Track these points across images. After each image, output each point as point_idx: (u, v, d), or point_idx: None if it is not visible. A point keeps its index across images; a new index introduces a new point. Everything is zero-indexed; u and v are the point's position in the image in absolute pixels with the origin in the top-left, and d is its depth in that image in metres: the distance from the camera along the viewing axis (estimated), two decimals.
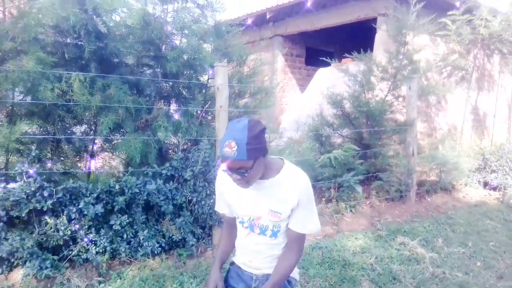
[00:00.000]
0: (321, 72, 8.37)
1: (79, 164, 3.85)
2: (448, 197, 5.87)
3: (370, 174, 5.59)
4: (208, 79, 4.32)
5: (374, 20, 6.83)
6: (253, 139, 1.50)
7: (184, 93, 4.24)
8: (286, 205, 1.65)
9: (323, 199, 5.14)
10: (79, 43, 3.62)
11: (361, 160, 5.25)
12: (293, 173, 1.68)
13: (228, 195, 1.80)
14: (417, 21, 5.48)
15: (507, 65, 8.18)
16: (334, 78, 6.20)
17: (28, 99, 3.52)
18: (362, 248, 4.09)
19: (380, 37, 6.71)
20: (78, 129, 3.94)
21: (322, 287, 3.36)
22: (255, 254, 1.80)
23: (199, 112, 4.13)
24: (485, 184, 6.40)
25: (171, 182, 3.73)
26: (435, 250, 4.18)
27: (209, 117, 4.32)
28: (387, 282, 3.52)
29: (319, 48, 10.21)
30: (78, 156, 3.95)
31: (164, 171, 3.73)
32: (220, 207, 1.90)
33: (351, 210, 5.03)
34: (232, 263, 1.93)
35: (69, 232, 3.19)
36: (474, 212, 5.39)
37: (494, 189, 6.24)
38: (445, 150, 6.28)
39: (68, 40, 3.62)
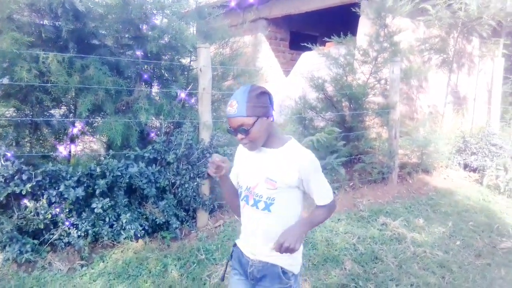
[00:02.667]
0: (305, 56, 8.34)
1: (58, 147, 3.77)
2: (429, 179, 5.96)
3: (353, 157, 5.63)
4: (191, 61, 4.25)
5: (358, 4, 6.81)
6: (253, 98, 1.60)
7: (166, 75, 4.18)
8: (283, 176, 1.67)
9: None
10: (57, 23, 3.52)
11: (343, 142, 5.27)
12: (297, 149, 1.72)
13: (237, 164, 1.87)
14: (396, 3, 5.50)
15: (487, 49, 8.28)
16: (318, 62, 6.17)
17: (5, 80, 3.42)
18: (345, 229, 4.14)
19: (363, 21, 6.70)
20: (57, 112, 3.86)
21: (305, 267, 3.40)
22: (250, 233, 1.79)
23: (181, 94, 4.08)
24: (465, 166, 6.51)
25: (153, 165, 3.69)
26: (416, 230, 4.26)
27: (192, 100, 4.27)
28: (369, 261, 3.58)
29: (304, 32, 10.17)
30: (57, 139, 3.87)
31: (146, 154, 3.69)
32: (232, 176, 1.92)
33: (334, 192, 5.04)
34: (235, 245, 1.91)
35: (49, 216, 3.15)
36: (454, 193, 5.50)
37: (474, 170, 6.36)
38: (426, 132, 6.35)
39: (45, 20, 3.51)
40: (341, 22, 7.58)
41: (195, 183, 3.86)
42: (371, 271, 3.42)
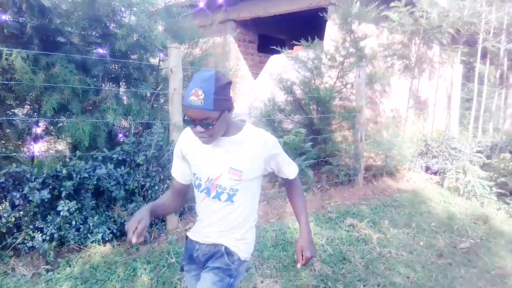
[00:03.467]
0: (274, 59, 8.41)
1: (22, 148, 3.61)
2: (393, 181, 6.16)
3: (321, 159, 5.74)
4: (160, 60, 4.19)
5: (326, 9, 6.95)
6: (220, 90, 1.48)
7: (134, 74, 4.09)
8: (249, 164, 1.63)
9: (277, 183, 5.22)
10: (20, 18, 3.38)
11: (310, 143, 5.36)
12: (256, 132, 1.67)
13: (189, 155, 1.73)
14: (362, 10, 5.66)
15: (447, 56, 8.66)
16: (286, 65, 6.25)
17: None
18: (314, 230, 4.20)
19: (330, 26, 6.85)
20: (21, 111, 3.70)
21: (276, 268, 3.43)
22: (206, 223, 1.74)
23: (151, 94, 4.01)
24: (427, 169, 6.77)
25: (122, 167, 3.61)
26: (382, 231, 4.39)
27: (162, 100, 4.21)
28: (337, 262, 3.65)
29: (272, 35, 10.25)
30: (21, 139, 3.71)
31: (115, 156, 3.60)
32: (175, 171, 1.82)
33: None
34: (186, 237, 1.86)
35: (13, 219, 3.01)
36: (417, 195, 5.70)
37: (435, 173, 6.63)
38: (390, 136, 6.56)
39: (7, 15, 3.36)
40: (309, 26, 7.70)
41: (165, 185, 3.80)
42: (339, 272, 3.49)
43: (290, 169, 1.81)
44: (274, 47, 6.23)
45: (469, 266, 3.83)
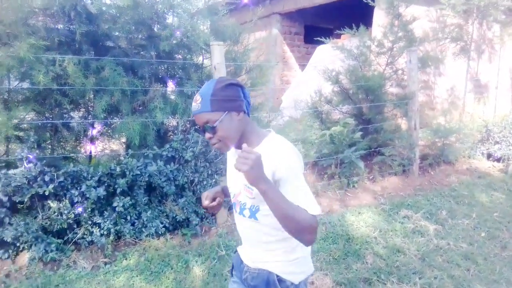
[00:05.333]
0: (320, 49, 8.27)
1: (79, 149, 3.84)
2: (452, 170, 5.84)
3: (372, 150, 5.56)
4: (203, 58, 4.27)
5: None
6: (219, 91, 1.43)
7: (179, 73, 4.20)
8: None
9: (325, 175, 5.14)
10: (71, 26, 3.58)
11: (360, 132, 5.21)
12: (273, 145, 1.47)
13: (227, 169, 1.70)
14: None
15: (508, 35, 8.03)
16: (333, 55, 6.12)
17: (25, 85, 3.51)
18: (366, 222, 4.10)
19: (377, 12, 6.61)
20: (76, 114, 3.93)
21: (326, 261, 3.38)
22: (244, 238, 1.68)
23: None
24: (489, 156, 6.35)
25: (172, 163, 3.72)
26: (439, 222, 4.18)
27: None
28: (391, 254, 3.53)
29: (318, 25, 10.08)
30: (77, 141, 3.95)
31: (164, 153, 3.72)
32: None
33: (353, 186, 5.03)
34: (235, 251, 1.80)
35: (72, 216, 3.21)
36: (478, 184, 5.37)
37: (498, 160, 6.19)
38: (447, 122, 6.22)
39: (59, 24, 3.58)
40: (355, 14, 7.48)
41: (214, 180, 3.88)
42: (393, 265, 3.37)
43: (306, 203, 1.38)
44: (320, 38, 6.12)
45: None
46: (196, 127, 1.54)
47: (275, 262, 1.58)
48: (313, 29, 9.86)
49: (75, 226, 3.31)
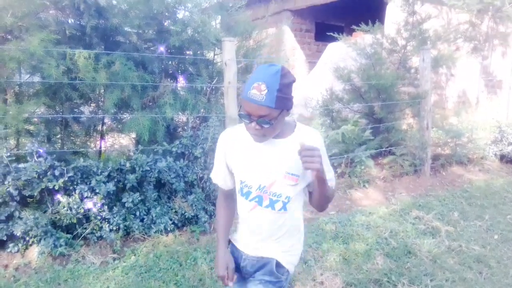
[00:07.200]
0: (332, 47, 8.20)
1: (89, 143, 3.83)
2: (464, 171, 5.75)
3: (383, 149, 5.50)
4: (214, 54, 4.23)
5: None
6: (284, 87, 1.37)
7: (190, 69, 4.17)
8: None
9: (336, 174, 5.09)
10: (81, 21, 3.57)
11: (370, 131, 5.15)
12: (308, 132, 1.55)
13: (233, 159, 1.60)
14: None
15: None
16: (345, 53, 6.05)
17: (36, 79, 3.50)
18: (376, 223, 4.04)
19: (391, 9, 6.53)
20: (87, 109, 3.93)
21: (336, 261, 3.34)
22: (254, 233, 1.63)
23: (206, 88, 4.06)
24: (502, 157, 6.25)
25: (181, 160, 3.70)
26: (451, 223, 4.12)
27: (217, 94, 4.25)
28: (402, 255, 3.48)
29: (329, 22, 10.00)
30: (87, 136, 3.94)
31: (174, 149, 3.70)
32: (217, 176, 1.70)
33: (364, 185, 4.97)
34: (229, 241, 1.77)
35: (82, 211, 3.20)
36: (491, 185, 5.29)
37: (511, 161, 6.11)
38: (459, 122, 6.13)
39: (70, 18, 3.57)
40: (367, 11, 7.40)
41: None
42: (404, 266, 3.32)
43: (329, 176, 1.56)
44: (332, 34, 6.05)
45: None
46: (242, 113, 1.41)
47: (281, 252, 1.63)
48: (324, 26, 9.79)
49: (84, 221, 3.30)
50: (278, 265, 1.63)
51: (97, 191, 3.25)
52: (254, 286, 1.64)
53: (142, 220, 3.52)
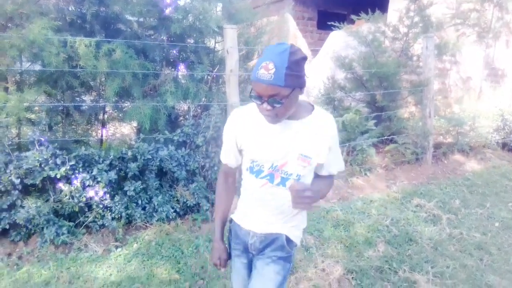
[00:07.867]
0: (334, 35, 8.12)
1: (90, 132, 3.83)
2: (466, 159, 5.74)
3: (385, 137, 5.48)
4: (215, 42, 4.20)
5: None
6: (294, 65, 1.34)
7: (191, 57, 4.14)
8: (317, 149, 1.53)
9: None
10: (82, 8, 3.53)
11: (374, 121, 5.13)
12: (325, 116, 1.56)
13: (245, 139, 1.59)
14: None
15: None
16: (347, 41, 6.00)
17: (37, 67, 3.48)
18: (378, 211, 4.05)
19: None
20: (88, 97, 3.91)
21: (337, 248, 3.35)
22: (263, 210, 1.63)
23: (207, 76, 4.04)
24: (504, 145, 6.23)
25: (183, 148, 3.70)
26: (452, 211, 4.13)
27: (219, 82, 4.23)
28: (403, 243, 3.49)
29: (332, 11, 9.90)
30: (89, 124, 3.93)
31: (175, 138, 3.70)
32: (227, 156, 1.70)
33: (366, 173, 4.97)
34: (231, 220, 1.79)
35: (84, 199, 3.21)
36: (492, 174, 5.28)
37: None
38: (461, 111, 6.09)
39: (70, 3, 3.53)
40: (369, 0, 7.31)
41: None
42: (405, 253, 3.33)
43: (338, 163, 1.67)
44: (334, 23, 5.99)
45: None
46: (253, 94, 1.39)
47: (289, 227, 1.67)
48: (327, 14, 9.70)
49: (86, 210, 3.31)
50: (288, 239, 1.66)
51: (99, 179, 3.25)
52: (265, 264, 1.66)
53: (144, 209, 3.53)
